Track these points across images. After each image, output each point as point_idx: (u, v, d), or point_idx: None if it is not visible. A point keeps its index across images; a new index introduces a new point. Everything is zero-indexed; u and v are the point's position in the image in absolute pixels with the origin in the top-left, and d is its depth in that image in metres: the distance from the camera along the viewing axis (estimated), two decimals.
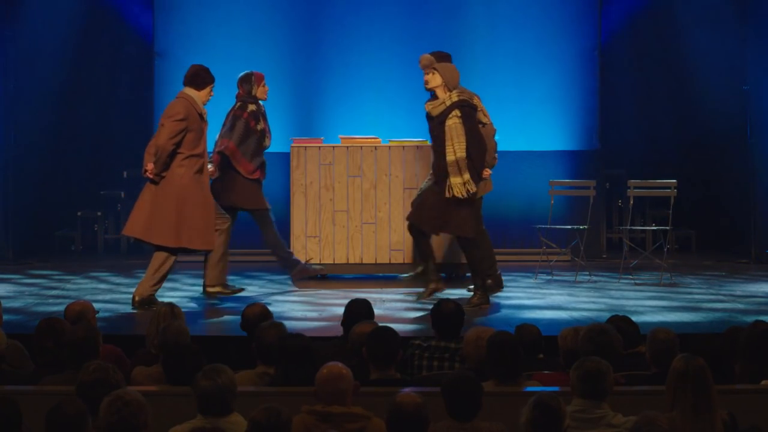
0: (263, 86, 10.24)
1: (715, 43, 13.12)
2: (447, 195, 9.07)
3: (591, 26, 12.90)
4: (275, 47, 12.76)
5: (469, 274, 10.74)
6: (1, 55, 12.59)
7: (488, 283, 9.76)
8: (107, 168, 13.46)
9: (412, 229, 9.48)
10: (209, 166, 9.61)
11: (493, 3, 12.86)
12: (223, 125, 10.15)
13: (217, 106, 9.89)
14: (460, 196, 9.06)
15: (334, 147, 11.09)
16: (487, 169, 9.54)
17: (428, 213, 9.24)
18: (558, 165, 12.81)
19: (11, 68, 12.68)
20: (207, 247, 9.40)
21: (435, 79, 9.24)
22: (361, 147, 11.05)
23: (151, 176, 9.27)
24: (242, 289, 9.90)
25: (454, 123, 9.06)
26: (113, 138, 13.56)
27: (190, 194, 9.25)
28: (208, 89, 9.42)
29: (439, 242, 10.44)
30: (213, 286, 9.64)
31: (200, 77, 9.40)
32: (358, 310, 7.00)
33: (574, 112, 12.88)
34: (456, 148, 9.05)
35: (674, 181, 11.06)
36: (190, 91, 9.38)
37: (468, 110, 9.13)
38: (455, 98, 9.12)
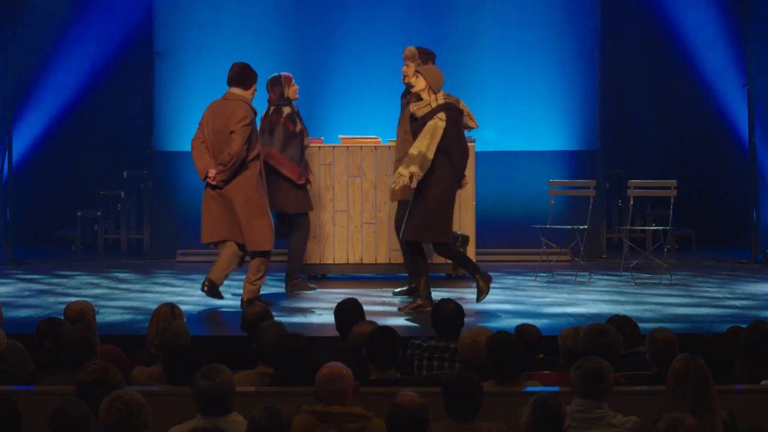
0: (293, 86, 10.13)
1: (716, 43, 13.12)
2: (391, 186, 9.00)
3: (591, 26, 12.90)
4: (275, 47, 12.75)
5: (455, 275, 10.78)
6: (1, 55, 12.59)
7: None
8: (107, 168, 13.46)
9: (410, 245, 9.34)
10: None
11: (494, 3, 12.85)
12: (260, 131, 9.89)
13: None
14: (392, 185, 9.01)
15: (334, 147, 11.09)
16: (466, 177, 9.34)
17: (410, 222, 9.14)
18: (558, 165, 12.81)
19: (11, 68, 12.68)
20: (262, 248, 9.28)
21: (419, 83, 9.16)
22: (361, 147, 11.05)
23: (214, 183, 9.20)
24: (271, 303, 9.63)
25: (435, 123, 8.97)
26: (113, 138, 13.56)
27: (255, 196, 9.19)
28: (254, 88, 9.35)
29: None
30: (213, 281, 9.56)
31: (247, 76, 9.32)
32: (346, 309, 7.02)
33: (574, 112, 12.87)
34: (418, 144, 8.92)
35: (674, 181, 11.06)
36: (239, 92, 9.29)
37: (454, 114, 9.07)
38: (441, 101, 9.06)
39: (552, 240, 11.35)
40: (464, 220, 11.01)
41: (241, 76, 9.30)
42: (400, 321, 8.59)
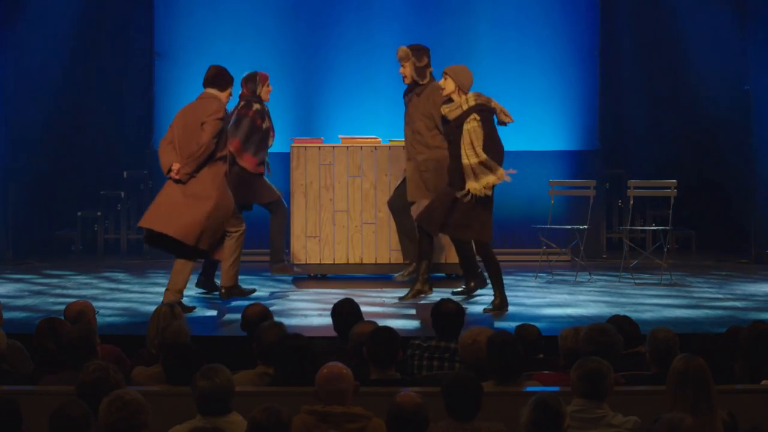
0: (267, 86, 10.24)
1: (716, 43, 13.12)
2: (466, 199, 8.99)
3: (591, 26, 12.90)
4: (275, 47, 12.76)
5: (455, 275, 10.77)
6: (2, 55, 12.59)
7: (471, 285, 9.71)
8: (107, 168, 13.45)
9: (419, 228, 9.42)
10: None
11: (494, 3, 12.85)
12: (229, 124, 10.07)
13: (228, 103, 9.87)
14: (479, 195, 8.99)
15: (334, 147, 11.09)
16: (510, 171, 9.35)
17: (439, 215, 9.15)
18: (558, 165, 12.81)
19: (11, 68, 12.67)
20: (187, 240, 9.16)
21: (448, 85, 9.14)
22: (361, 147, 11.05)
23: (177, 177, 9.18)
24: (254, 290, 9.86)
25: (472, 127, 8.97)
26: (113, 138, 13.55)
27: (211, 194, 9.14)
28: (229, 90, 9.37)
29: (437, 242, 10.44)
30: (227, 287, 9.58)
31: (223, 78, 9.35)
32: (341, 310, 7.02)
33: (574, 112, 12.88)
34: (469, 153, 8.95)
35: (674, 181, 11.06)
36: (214, 92, 9.32)
37: (486, 115, 9.06)
38: (473, 102, 9.04)
39: (552, 240, 11.36)
40: None
41: (217, 77, 9.35)
42: (400, 321, 8.58)
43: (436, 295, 9.14)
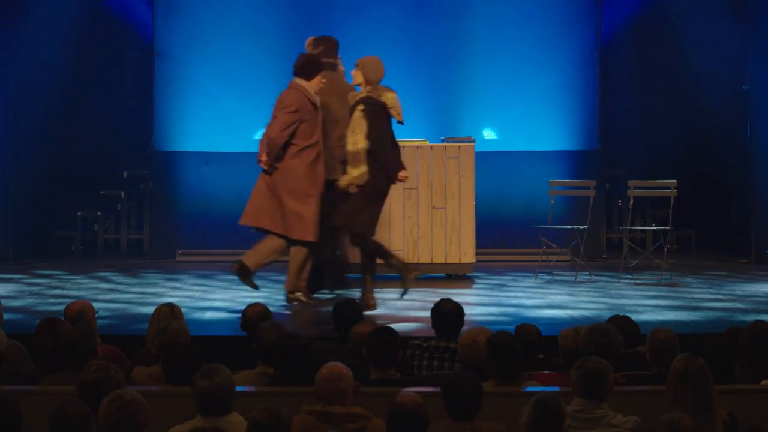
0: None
1: (715, 43, 13.12)
2: (341, 184, 9.04)
3: (591, 26, 12.90)
4: (275, 47, 12.75)
5: (455, 275, 10.77)
6: (2, 55, 12.59)
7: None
8: (107, 168, 13.45)
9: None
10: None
11: (494, 3, 12.85)
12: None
13: (228, 102, 9.88)
14: (347, 187, 9.01)
15: None
16: (403, 172, 9.22)
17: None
18: (558, 165, 12.81)
19: (11, 68, 12.68)
20: (303, 238, 9.25)
21: (357, 76, 9.22)
22: None
23: (265, 167, 9.29)
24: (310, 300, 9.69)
25: (356, 116, 9.03)
26: (113, 138, 13.56)
27: (303, 186, 9.22)
28: (318, 78, 9.40)
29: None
30: (292, 292, 9.59)
31: (308, 67, 9.40)
32: (342, 310, 7.03)
33: (574, 112, 12.88)
34: (350, 140, 9.00)
35: (674, 181, 11.06)
36: (300, 81, 9.37)
37: (373, 107, 9.05)
38: (364, 94, 9.09)
39: (552, 240, 11.36)
40: (464, 220, 11.01)
41: (303, 66, 9.41)
42: (400, 321, 8.58)
43: (436, 295, 9.15)
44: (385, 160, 9.06)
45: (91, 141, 13.51)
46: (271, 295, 9.96)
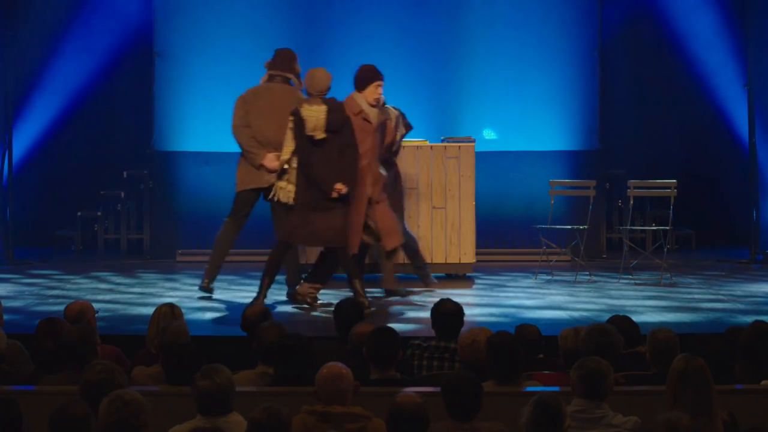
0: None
1: (715, 43, 13.12)
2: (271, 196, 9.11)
3: (591, 26, 12.89)
4: (275, 47, 12.74)
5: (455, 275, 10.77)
6: (1, 55, 12.59)
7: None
8: (107, 168, 13.45)
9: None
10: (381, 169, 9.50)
11: (493, 3, 12.85)
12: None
13: (228, 103, 9.89)
14: (284, 200, 9.04)
15: None
16: (339, 185, 9.00)
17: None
18: (558, 165, 12.80)
19: (11, 68, 12.67)
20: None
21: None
22: None
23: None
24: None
25: (288, 128, 9.09)
26: (113, 138, 13.55)
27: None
28: (371, 87, 9.51)
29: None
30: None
31: (359, 78, 9.59)
32: (345, 309, 7.03)
33: (574, 112, 12.87)
34: (283, 152, 9.08)
35: (674, 181, 11.05)
36: (354, 94, 9.53)
37: (297, 120, 9.04)
38: (298, 106, 9.11)
39: (552, 240, 11.36)
40: (464, 220, 11.01)
41: (356, 80, 9.62)
42: (400, 321, 8.58)
43: (436, 295, 9.15)
44: (312, 172, 8.97)
45: (91, 141, 13.51)
46: (270, 296, 9.96)
